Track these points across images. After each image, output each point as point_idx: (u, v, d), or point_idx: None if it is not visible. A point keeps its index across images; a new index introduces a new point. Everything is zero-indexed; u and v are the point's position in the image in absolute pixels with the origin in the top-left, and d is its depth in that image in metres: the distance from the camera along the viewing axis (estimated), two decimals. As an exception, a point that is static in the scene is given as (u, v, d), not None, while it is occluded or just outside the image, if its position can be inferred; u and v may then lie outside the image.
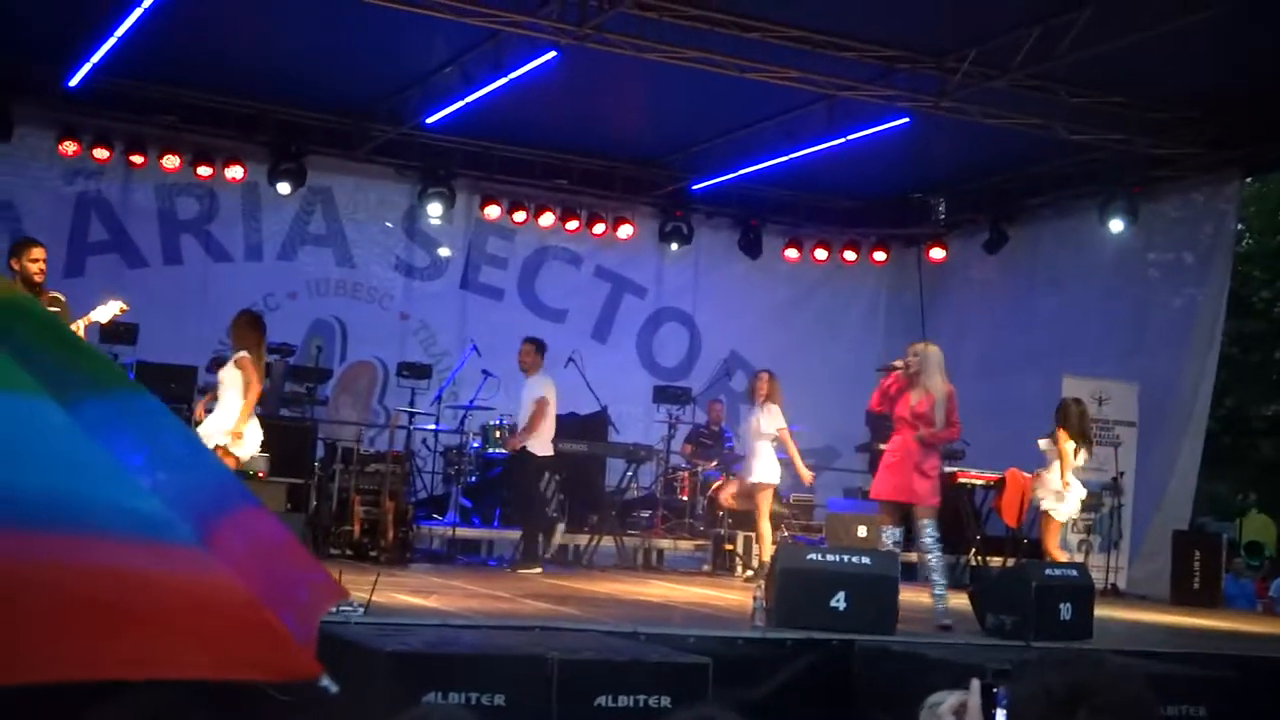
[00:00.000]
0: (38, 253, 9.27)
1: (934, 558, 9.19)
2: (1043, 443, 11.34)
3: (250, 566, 2.09)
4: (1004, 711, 2.18)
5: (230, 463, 9.42)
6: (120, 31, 12.22)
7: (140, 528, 1.97)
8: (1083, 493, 11.48)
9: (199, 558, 1.99)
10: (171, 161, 15.09)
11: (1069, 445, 11.17)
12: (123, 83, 14.21)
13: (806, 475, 12.86)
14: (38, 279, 9.09)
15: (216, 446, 9.41)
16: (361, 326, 16.28)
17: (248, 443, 9.78)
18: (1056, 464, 11.17)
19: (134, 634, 1.94)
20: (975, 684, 2.23)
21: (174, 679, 2.13)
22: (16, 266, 9.03)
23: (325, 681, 2.08)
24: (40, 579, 1.89)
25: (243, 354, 9.84)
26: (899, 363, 9.52)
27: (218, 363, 11.70)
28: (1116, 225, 14.93)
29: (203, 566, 1.99)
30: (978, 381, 16.46)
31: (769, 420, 12.33)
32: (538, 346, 12.35)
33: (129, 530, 1.96)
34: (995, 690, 2.21)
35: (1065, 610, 8.73)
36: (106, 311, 9.52)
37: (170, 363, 12.85)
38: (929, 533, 9.14)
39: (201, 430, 9.77)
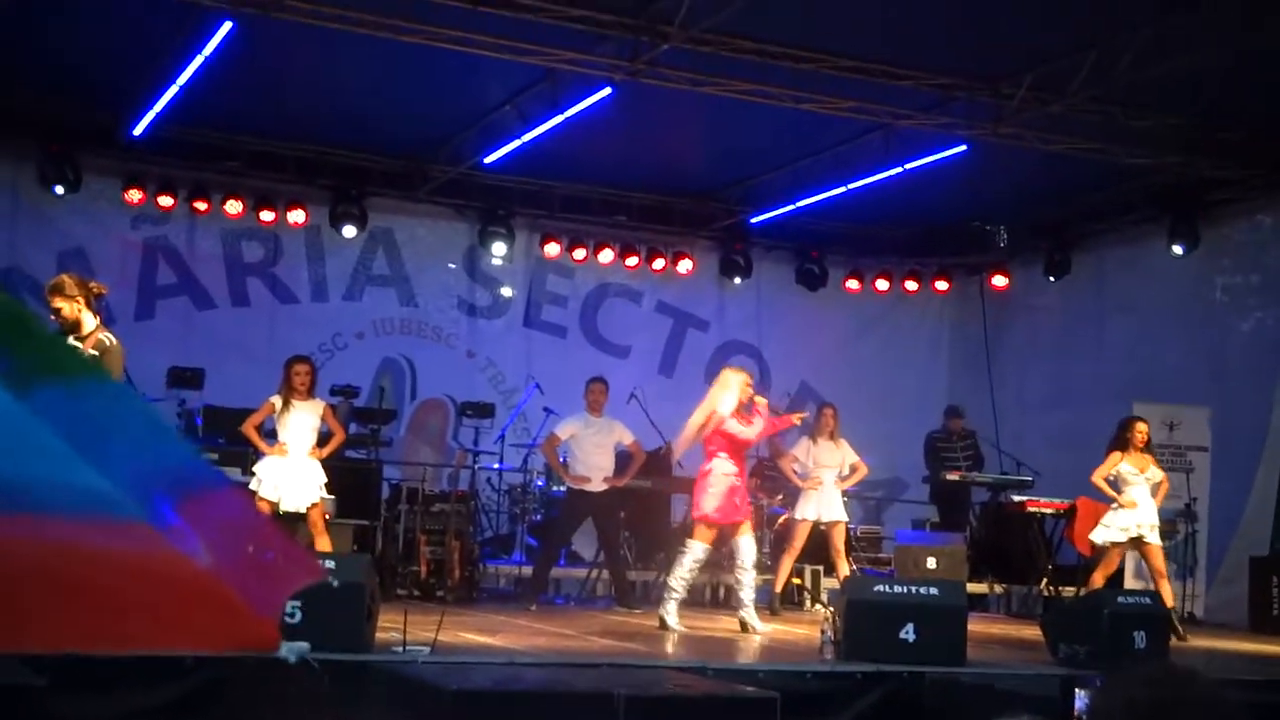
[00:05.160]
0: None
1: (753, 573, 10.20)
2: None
3: (209, 542, 2.11)
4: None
5: (263, 506, 9.76)
6: (182, 80, 12.39)
7: (88, 505, 2.00)
8: (1138, 517, 11.33)
9: (149, 533, 2.02)
10: (235, 207, 15.27)
11: (1122, 465, 11.28)
12: (185, 130, 14.39)
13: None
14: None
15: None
16: (430, 365, 16.37)
17: (264, 481, 10.25)
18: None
19: (82, 607, 1.98)
20: None
21: (122, 651, 2.21)
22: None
23: (284, 651, 2.09)
24: None
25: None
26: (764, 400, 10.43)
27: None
28: (1180, 249, 14.75)
29: (152, 541, 2.02)
30: (1046, 410, 16.35)
31: (839, 453, 12.39)
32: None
33: (77, 508, 1.99)
34: None
35: (1140, 638, 8.61)
36: None
37: (238, 406, 12.82)
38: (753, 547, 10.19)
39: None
